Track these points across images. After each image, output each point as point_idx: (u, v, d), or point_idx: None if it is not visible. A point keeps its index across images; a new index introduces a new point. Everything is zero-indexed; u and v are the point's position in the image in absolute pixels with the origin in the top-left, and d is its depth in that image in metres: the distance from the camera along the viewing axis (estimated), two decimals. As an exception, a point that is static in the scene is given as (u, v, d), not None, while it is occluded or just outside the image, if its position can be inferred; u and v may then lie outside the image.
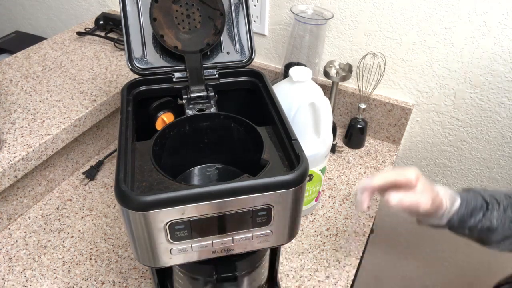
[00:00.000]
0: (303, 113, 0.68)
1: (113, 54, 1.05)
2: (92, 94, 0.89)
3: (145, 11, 0.58)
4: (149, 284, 0.70)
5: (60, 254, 0.74)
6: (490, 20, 0.80)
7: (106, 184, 0.89)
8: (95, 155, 0.95)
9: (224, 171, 0.58)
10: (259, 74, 0.61)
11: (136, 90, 0.58)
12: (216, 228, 0.45)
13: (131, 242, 0.45)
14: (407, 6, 0.86)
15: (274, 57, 1.08)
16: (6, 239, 0.76)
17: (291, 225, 0.48)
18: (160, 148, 0.52)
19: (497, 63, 0.84)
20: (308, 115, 0.69)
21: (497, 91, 0.87)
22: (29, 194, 0.81)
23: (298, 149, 0.47)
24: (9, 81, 0.92)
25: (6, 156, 0.72)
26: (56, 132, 0.78)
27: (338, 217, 0.83)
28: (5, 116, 0.82)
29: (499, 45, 0.82)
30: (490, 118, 0.91)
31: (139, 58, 0.59)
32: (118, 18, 0.99)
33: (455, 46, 0.86)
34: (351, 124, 0.99)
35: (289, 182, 0.44)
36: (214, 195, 0.42)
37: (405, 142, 1.04)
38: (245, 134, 0.55)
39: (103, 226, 0.80)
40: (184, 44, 0.58)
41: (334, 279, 0.72)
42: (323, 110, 0.69)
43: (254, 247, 0.49)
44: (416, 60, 0.92)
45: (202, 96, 0.59)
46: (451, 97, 0.93)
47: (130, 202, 0.40)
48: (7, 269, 0.71)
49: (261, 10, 1.00)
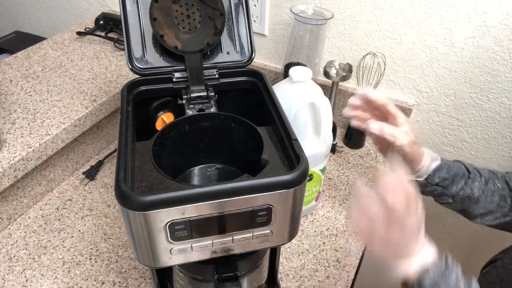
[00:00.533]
0: (303, 113, 0.68)
1: (113, 54, 1.05)
2: (92, 94, 0.89)
3: (145, 11, 0.58)
4: (149, 284, 0.70)
5: (60, 254, 0.74)
6: (490, 20, 0.80)
7: (106, 184, 0.89)
8: (95, 155, 0.95)
9: (224, 171, 0.58)
10: (259, 74, 0.61)
11: (136, 90, 0.58)
12: (216, 228, 0.45)
13: (131, 242, 0.45)
14: (407, 6, 0.86)
15: (274, 57, 1.08)
16: (6, 239, 0.76)
17: (291, 225, 0.48)
18: (160, 148, 0.52)
19: (497, 63, 0.84)
20: (308, 115, 0.69)
21: (497, 91, 0.87)
22: (29, 194, 0.81)
23: (298, 149, 0.47)
24: (9, 81, 0.92)
25: (6, 156, 0.72)
26: (56, 132, 0.78)
27: (338, 217, 0.83)
28: (5, 116, 0.82)
29: (499, 45, 0.82)
30: (490, 118, 0.91)
31: (139, 58, 0.59)
32: (118, 18, 0.99)
33: (455, 46, 0.86)
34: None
35: (289, 182, 0.44)
36: (214, 195, 0.42)
37: (405, 142, 1.04)
38: (245, 134, 0.55)
39: (103, 226, 0.80)
40: (184, 44, 0.58)
41: (334, 279, 0.72)
42: (323, 110, 0.69)
43: (254, 247, 0.49)
44: (416, 60, 0.92)
45: (202, 96, 0.59)
46: (451, 97, 0.93)
47: (130, 202, 0.40)
48: (7, 269, 0.71)
49: (261, 10, 1.00)
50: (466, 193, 0.67)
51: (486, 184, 0.68)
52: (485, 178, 0.69)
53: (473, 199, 0.67)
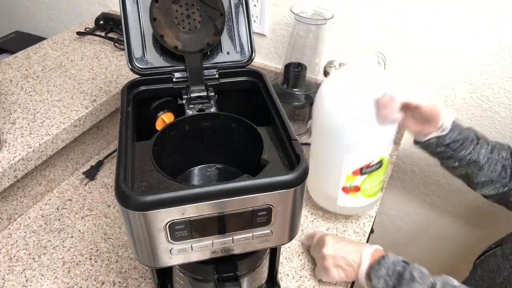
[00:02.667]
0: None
1: (113, 54, 1.05)
2: (92, 94, 0.89)
3: (145, 11, 0.58)
4: (149, 284, 0.70)
5: (60, 254, 0.74)
6: (490, 20, 0.80)
7: (106, 184, 0.89)
8: (95, 155, 0.95)
9: (224, 171, 0.58)
10: (259, 74, 0.61)
11: (136, 90, 0.58)
12: (216, 228, 0.45)
13: (131, 242, 0.45)
14: (407, 6, 0.86)
15: (274, 57, 1.08)
16: (6, 239, 0.76)
17: (291, 225, 0.48)
18: (160, 148, 0.52)
19: (497, 63, 0.84)
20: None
21: (497, 91, 0.87)
22: (29, 194, 0.81)
23: (298, 149, 0.47)
24: (9, 81, 0.92)
25: (6, 156, 0.72)
26: (56, 132, 0.78)
27: (338, 217, 0.83)
28: (5, 116, 0.82)
29: (499, 45, 0.82)
30: (490, 118, 0.91)
31: (139, 58, 0.59)
32: (118, 18, 0.99)
33: (455, 46, 0.86)
34: (351, 124, 0.99)
35: (289, 182, 0.44)
36: (214, 195, 0.42)
37: (405, 142, 1.04)
38: (245, 134, 0.55)
39: (103, 226, 0.80)
40: (184, 44, 0.58)
41: (334, 279, 0.72)
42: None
43: (254, 247, 0.49)
44: (416, 60, 0.92)
45: (202, 96, 0.59)
46: (451, 97, 0.93)
47: (130, 202, 0.40)
48: (7, 269, 0.71)
49: (261, 10, 1.00)
50: (473, 158, 0.70)
51: (491, 152, 0.71)
52: (492, 146, 0.72)
53: (478, 165, 0.71)
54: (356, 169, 0.71)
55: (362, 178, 0.72)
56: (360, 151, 0.69)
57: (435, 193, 1.09)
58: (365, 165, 0.70)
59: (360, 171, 0.71)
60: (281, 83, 0.99)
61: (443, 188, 1.07)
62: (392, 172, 1.05)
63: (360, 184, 0.72)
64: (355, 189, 0.73)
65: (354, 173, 0.71)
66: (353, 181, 0.72)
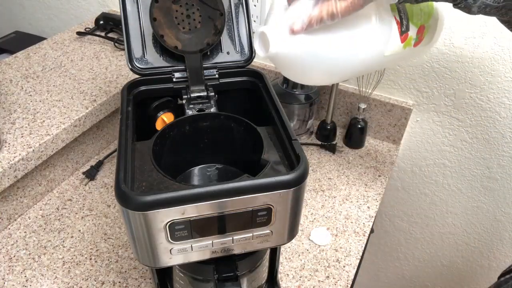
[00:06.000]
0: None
1: (113, 54, 1.05)
2: (92, 94, 0.89)
3: (145, 11, 0.58)
4: (149, 284, 0.70)
5: (60, 254, 0.74)
6: (490, 20, 0.80)
7: (106, 184, 0.89)
8: (95, 155, 0.95)
9: (224, 171, 0.58)
10: (259, 74, 0.61)
11: (136, 90, 0.58)
12: (216, 228, 0.45)
13: (131, 242, 0.45)
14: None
15: (274, 57, 1.08)
16: (6, 239, 0.76)
17: (291, 225, 0.49)
18: (160, 148, 0.52)
19: (497, 63, 0.84)
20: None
21: (497, 91, 0.87)
22: (29, 194, 0.81)
23: (298, 149, 0.47)
24: (9, 81, 0.92)
25: (6, 156, 0.72)
26: (56, 132, 0.78)
27: (338, 217, 0.83)
28: (5, 116, 0.82)
29: (499, 45, 0.82)
30: (490, 118, 0.91)
31: (139, 58, 0.59)
32: (118, 18, 0.99)
33: (455, 46, 0.86)
34: (351, 124, 0.99)
35: (289, 182, 0.44)
36: (214, 195, 0.42)
37: (405, 142, 1.04)
38: (245, 134, 0.55)
39: (103, 226, 0.80)
40: (184, 44, 0.58)
41: (334, 279, 0.72)
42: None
43: (254, 247, 0.49)
44: (416, 60, 0.92)
45: (202, 96, 0.59)
46: (451, 97, 0.93)
47: (130, 202, 0.40)
48: (7, 269, 0.71)
49: (261, 10, 1.00)
50: None
51: None
52: None
53: None
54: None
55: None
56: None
57: (435, 193, 1.09)
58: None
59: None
60: (281, 83, 0.99)
61: (443, 188, 1.07)
62: (392, 172, 1.05)
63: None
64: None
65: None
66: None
